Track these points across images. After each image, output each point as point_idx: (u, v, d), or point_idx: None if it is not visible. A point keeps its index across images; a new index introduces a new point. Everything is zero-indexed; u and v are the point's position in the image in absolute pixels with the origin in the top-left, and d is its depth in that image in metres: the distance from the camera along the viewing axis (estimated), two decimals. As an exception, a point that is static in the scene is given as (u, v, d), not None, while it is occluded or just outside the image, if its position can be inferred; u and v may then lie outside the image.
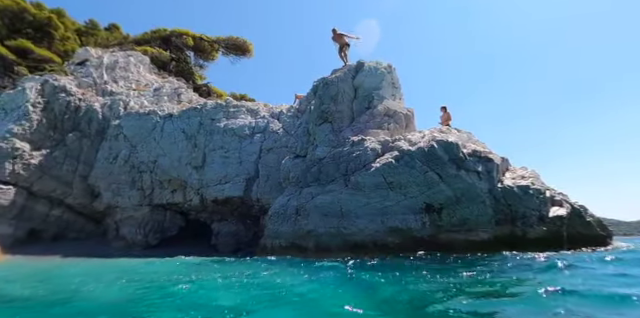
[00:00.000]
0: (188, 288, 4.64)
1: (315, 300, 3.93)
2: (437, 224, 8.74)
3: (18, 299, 4.43)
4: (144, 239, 12.46)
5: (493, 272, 5.28)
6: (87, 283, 5.45)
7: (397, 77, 12.12)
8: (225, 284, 5.06)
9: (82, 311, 3.75)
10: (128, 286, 5.18)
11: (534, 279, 4.62)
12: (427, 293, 4.02)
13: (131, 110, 14.65)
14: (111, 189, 13.01)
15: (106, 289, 5.05)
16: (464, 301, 3.51)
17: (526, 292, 3.83)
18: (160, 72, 19.31)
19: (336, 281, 5.15)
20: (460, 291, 3.96)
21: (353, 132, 10.47)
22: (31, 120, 13.67)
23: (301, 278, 5.30)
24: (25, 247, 11.27)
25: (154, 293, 4.63)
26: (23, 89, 14.61)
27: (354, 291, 4.38)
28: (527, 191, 9.00)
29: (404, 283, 4.58)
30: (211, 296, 4.33)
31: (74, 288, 5.01)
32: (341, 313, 3.24)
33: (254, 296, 4.19)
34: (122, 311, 3.73)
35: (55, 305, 4.01)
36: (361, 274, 5.49)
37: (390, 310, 3.46)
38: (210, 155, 12.80)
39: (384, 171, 9.06)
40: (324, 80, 11.59)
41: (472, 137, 10.64)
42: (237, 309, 3.52)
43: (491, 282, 4.47)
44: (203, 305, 3.82)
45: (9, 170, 12.53)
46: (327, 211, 9.09)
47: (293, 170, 10.56)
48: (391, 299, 3.87)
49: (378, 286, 4.57)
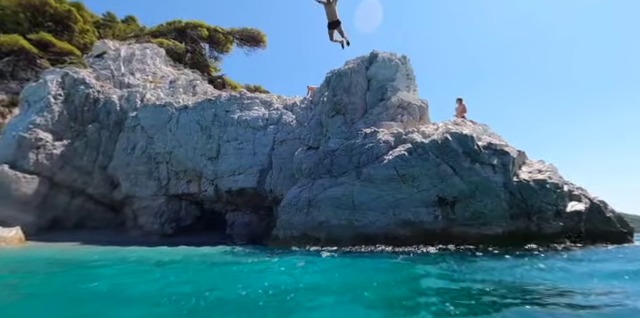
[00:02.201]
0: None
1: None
2: (450, 217, 8.66)
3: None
4: (160, 228, 12.79)
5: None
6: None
7: (411, 68, 11.91)
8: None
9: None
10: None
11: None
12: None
13: (147, 102, 14.91)
14: (129, 179, 13.36)
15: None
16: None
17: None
18: (175, 64, 19.52)
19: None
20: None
21: (366, 124, 10.40)
22: (53, 112, 14.08)
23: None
24: (48, 234, 11.74)
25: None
26: (45, 81, 15.01)
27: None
28: (544, 185, 8.80)
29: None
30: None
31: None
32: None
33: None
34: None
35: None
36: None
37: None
38: (224, 146, 12.96)
39: (396, 163, 9.00)
40: (337, 72, 11.50)
41: (488, 129, 10.43)
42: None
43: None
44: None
45: (33, 160, 12.99)
46: (339, 203, 9.11)
47: (305, 162, 10.60)
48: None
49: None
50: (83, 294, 4.02)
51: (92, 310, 3.38)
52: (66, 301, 3.77)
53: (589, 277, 4.38)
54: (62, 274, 5.70)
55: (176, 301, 3.50)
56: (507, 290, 3.73)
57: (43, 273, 5.82)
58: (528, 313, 2.93)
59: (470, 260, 6.32)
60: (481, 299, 3.38)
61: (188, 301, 3.46)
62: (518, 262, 5.89)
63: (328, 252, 7.74)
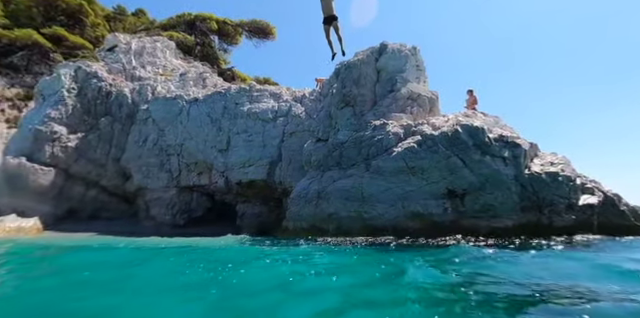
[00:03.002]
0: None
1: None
2: (459, 210, 8.63)
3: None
4: (172, 219, 13.06)
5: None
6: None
7: (422, 59, 11.75)
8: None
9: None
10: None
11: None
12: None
13: (158, 95, 15.06)
14: (141, 171, 13.60)
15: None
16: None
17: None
18: (185, 57, 19.61)
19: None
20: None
21: (375, 116, 10.35)
22: (67, 105, 14.35)
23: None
24: (64, 225, 12.08)
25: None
26: (58, 75, 15.27)
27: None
28: (556, 178, 8.68)
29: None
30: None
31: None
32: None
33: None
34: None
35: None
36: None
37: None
38: (234, 138, 13.07)
39: (406, 156, 8.97)
40: (346, 63, 11.42)
41: (499, 121, 10.28)
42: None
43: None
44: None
45: (49, 152, 13.30)
46: (348, 195, 9.15)
47: (315, 154, 10.63)
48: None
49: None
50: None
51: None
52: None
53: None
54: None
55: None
56: (535, 284, 3.68)
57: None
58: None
59: (477, 252, 6.32)
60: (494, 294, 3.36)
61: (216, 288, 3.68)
62: (539, 253, 5.89)
63: (336, 242, 7.83)
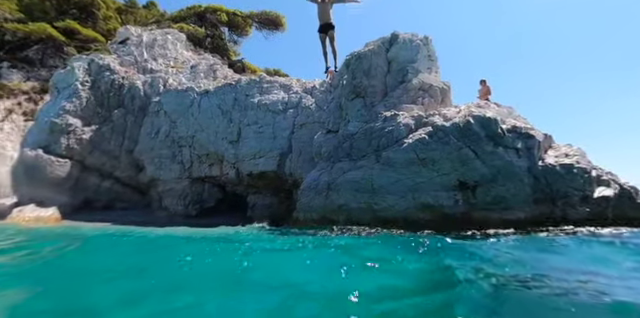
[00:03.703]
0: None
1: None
2: (470, 202, 8.57)
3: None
4: (185, 210, 13.28)
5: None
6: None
7: (434, 49, 11.54)
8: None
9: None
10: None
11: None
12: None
13: (170, 87, 15.19)
14: (154, 163, 13.81)
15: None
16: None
17: None
18: (196, 49, 19.66)
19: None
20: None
21: (386, 107, 10.26)
22: (81, 98, 14.58)
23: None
24: (80, 214, 12.41)
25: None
26: (72, 68, 15.49)
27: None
28: (571, 170, 8.53)
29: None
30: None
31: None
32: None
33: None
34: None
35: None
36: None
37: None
38: (245, 130, 13.13)
39: (416, 147, 8.91)
40: (357, 54, 11.29)
41: (513, 112, 10.10)
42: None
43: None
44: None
45: (64, 145, 13.60)
46: (358, 186, 9.16)
47: (325, 145, 10.63)
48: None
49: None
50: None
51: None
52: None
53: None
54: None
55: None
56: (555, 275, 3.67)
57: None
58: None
59: (484, 242, 6.30)
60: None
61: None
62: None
63: (347, 232, 7.90)
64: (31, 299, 3.23)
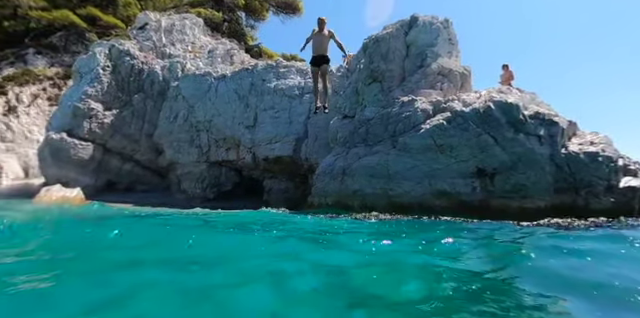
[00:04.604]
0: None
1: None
2: (488, 189, 8.42)
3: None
4: (202, 193, 13.58)
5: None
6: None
7: (454, 32, 11.15)
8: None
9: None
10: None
11: None
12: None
13: (188, 72, 15.30)
14: (172, 147, 14.09)
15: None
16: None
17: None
18: (213, 33, 19.65)
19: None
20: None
21: (403, 92, 10.06)
22: (102, 82, 14.89)
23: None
24: (103, 196, 12.84)
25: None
26: (94, 54, 15.78)
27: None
28: (595, 158, 8.22)
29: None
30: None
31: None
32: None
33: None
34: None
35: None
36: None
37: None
38: (261, 115, 13.18)
39: (434, 133, 8.74)
40: (374, 37, 11.03)
41: (536, 98, 9.73)
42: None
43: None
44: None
45: (87, 128, 14.00)
46: (373, 172, 9.11)
47: (341, 131, 10.57)
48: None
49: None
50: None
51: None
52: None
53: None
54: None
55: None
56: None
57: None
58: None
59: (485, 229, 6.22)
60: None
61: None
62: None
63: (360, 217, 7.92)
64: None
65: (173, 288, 2.59)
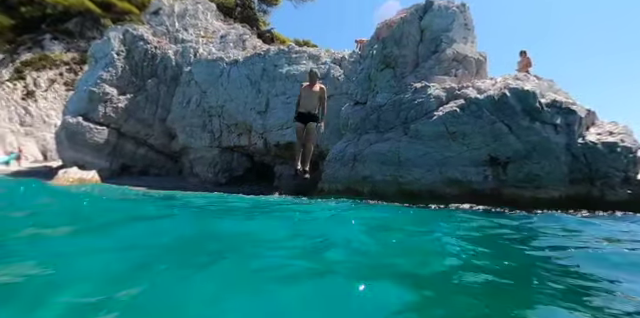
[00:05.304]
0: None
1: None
2: (500, 178, 8.30)
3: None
4: (214, 177, 13.78)
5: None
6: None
7: (471, 17, 10.80)
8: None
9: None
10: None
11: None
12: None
13: (200, 57, 15.32)
14: (185, 131, 14.25)
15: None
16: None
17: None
18: (226, 18, 19.53)
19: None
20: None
21: (416, 78, 9.88)
22: (116, 67, 15.04)
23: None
24: (118, 179, 13.15)
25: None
26: (108, 39, 15.91)
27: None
28: (614, 149, 7.99)
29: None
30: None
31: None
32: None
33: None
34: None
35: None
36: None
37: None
38: (273, 101, 13.17)
39: (446, 120, 8.61)
40: (388, 22, 10.80)
41: (554, 85, 9.44)
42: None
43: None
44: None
45: (102, 112, 14.24)
46: (384, 159, 9.07)
47: (352, 117, 10.50)
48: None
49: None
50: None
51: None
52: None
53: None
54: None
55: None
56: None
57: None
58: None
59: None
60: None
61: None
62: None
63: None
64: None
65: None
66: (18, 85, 21.57)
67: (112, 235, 3.21)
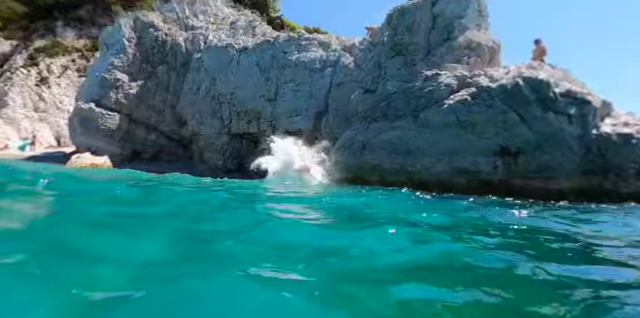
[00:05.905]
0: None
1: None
2: (511, 169, 8.20)
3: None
4: (224, 164, 13.92)
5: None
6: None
7: (485, 3, 10.47)
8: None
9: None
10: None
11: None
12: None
13: (210, 44, 15.28)
14: (195, 118, 14.35)
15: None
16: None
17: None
18: (235, 5, 19.35)
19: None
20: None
21: (427, 66, 9.70)
22: (127, 53, 15.11)
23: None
24: (129, 164, 13.37)
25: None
26: (119, 25, 15.94)
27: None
28: (629, 140, 7.81)
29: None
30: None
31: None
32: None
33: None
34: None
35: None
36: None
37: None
38: (282, 88, 13.13)
39: (457, 109, 8.49)
40: (399, 8, 10.55)
41: (569, 75, 9.19)
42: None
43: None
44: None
45: (113, 99, 14.39)
46: (393, 147, 9.02)
47: (362, 105, 10.42)
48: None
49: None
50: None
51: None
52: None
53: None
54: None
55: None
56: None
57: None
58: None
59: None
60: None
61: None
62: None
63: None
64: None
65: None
66: (32, 71, 21.88)
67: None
